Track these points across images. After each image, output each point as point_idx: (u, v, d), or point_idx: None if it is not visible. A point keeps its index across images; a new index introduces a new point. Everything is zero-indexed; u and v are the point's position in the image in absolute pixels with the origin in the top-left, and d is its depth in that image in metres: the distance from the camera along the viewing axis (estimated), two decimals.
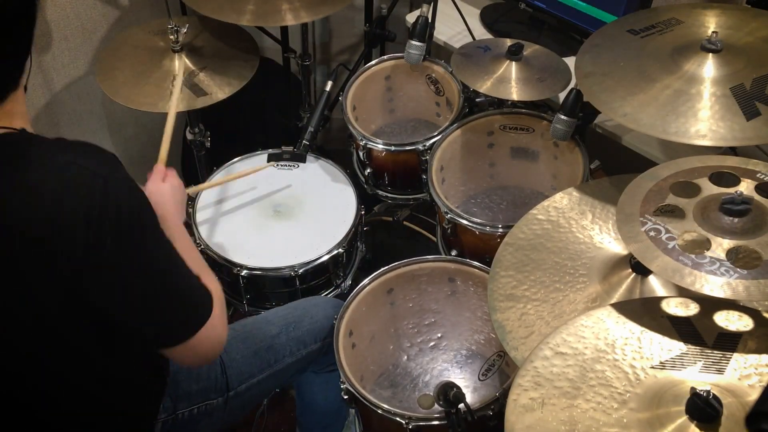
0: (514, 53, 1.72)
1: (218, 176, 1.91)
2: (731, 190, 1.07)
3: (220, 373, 1.42)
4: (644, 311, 1.05)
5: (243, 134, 2.43)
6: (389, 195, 1.94)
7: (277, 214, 1.82)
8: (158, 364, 1.29)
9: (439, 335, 1.72)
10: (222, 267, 1.72)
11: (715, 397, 0.87)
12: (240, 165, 1.94)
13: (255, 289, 1.76)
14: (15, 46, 0.98)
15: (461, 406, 1.21)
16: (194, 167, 2.17)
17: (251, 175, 1.90)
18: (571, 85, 1.66)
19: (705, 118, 1.22)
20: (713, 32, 1.33)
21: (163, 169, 1.44)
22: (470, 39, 1.94)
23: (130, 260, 1.01)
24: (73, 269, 0.98)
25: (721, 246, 1.01)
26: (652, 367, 0.97)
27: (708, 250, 1.01)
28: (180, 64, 1.86)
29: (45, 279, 0.98)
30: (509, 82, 1.70)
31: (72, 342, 1.09)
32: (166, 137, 1.54)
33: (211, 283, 1.18)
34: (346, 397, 1.41)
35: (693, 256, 1.00)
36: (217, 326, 1.15)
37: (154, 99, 1.79)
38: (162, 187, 1.39)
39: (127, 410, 1.24)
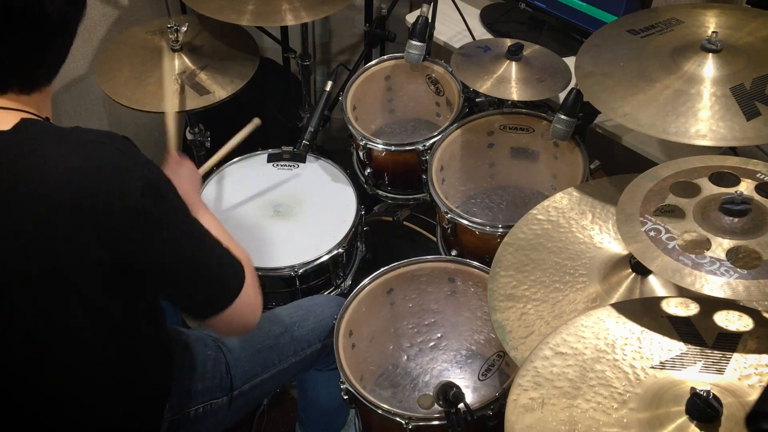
0: (514, 53, 1.72)
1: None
2: (731, 190, 1.07)
3: (225, 373, 1.43)
4: (644, 311, 1.04)
5: None
6: (389, 195, 1.94)
7: (277, 214, 1.82)
8: (165, 361, 1.31)
9: (439, 335, 1.71)
10: None
11: (715, 397, 0.87)
12: (240, 165, 1.94)
13: None
14: (54, 54, 1.07)
15: (461, 406, 1.21)
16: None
17: (251, 176, 1.90)
18: (571, 85, 1.66)
19: (705, 118, 1.22)
20: (713, 32, 1.33)
21: (177, 157, 1.48)
22: (470, 39, 1.94)
23: (164, 235, 1.05)
24: (115, 244, 1.01)
25: (721, 246, 1.01)
26: (652, 367, 0.97)
27: (708, 250, 1.01)
28: (180, 63, 1.87)
29: (81, 252, 1.01)
30: (509, 82, 1.70)
31: (82, 335, 1.10)
32: (169, 125, 1.53)
33: (240, 252, 1.21)
34: (345, 397, 1.41)
35: (693, 256, 1.00)
36: (251, 294, 1.19)
37: (154, 99, 1.79)
38: (179, 170, 1.44)
39: (134, 408, 1.25)
